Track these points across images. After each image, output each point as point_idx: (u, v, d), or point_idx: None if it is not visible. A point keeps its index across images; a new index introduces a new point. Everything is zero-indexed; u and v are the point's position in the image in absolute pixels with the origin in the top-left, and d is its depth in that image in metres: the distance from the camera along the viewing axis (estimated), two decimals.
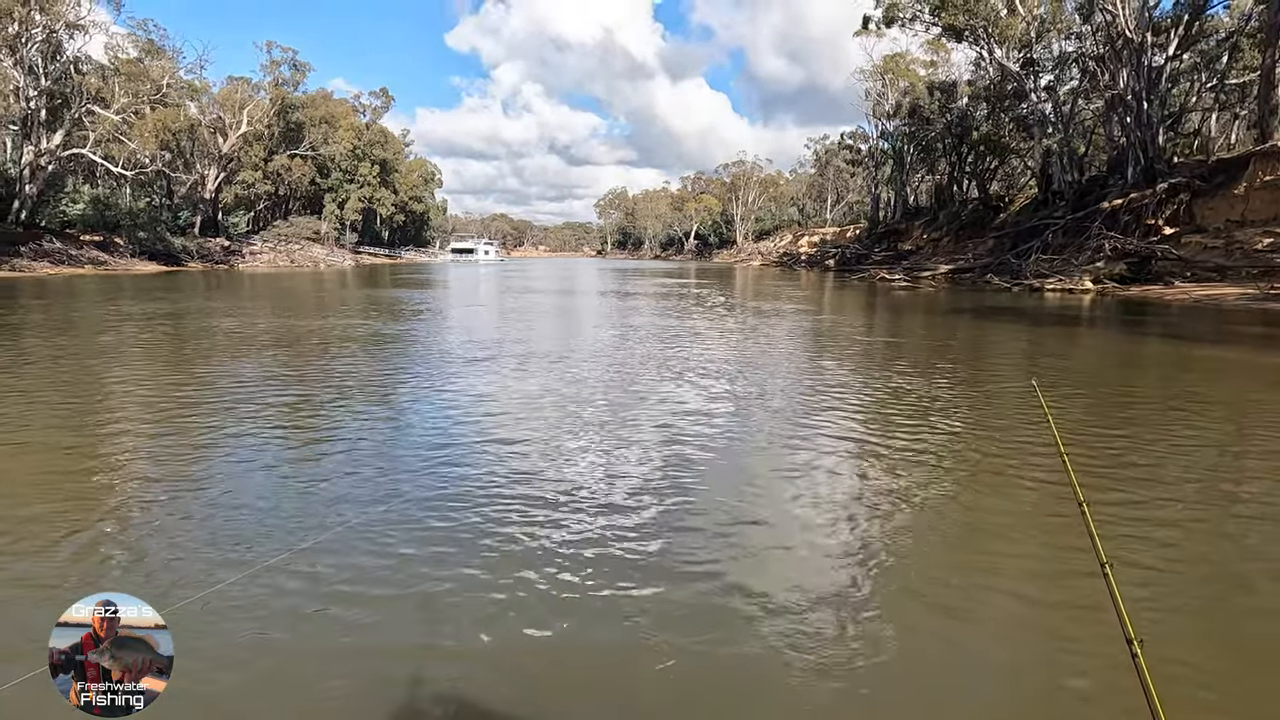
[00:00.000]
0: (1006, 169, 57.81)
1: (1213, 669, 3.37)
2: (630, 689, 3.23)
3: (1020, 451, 6.84)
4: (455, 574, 4.21)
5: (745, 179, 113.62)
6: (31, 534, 4.66)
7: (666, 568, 4.36)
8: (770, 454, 6.88)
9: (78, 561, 4.31)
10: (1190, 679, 3.26)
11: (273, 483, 5.79)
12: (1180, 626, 3.74)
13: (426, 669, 3.30)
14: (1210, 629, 3.76)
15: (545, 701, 3.12)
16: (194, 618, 3.60)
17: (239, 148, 64.13)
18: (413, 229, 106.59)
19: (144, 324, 16.88)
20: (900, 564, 4.47)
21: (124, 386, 9.57)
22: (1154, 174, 33.59)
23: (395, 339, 15.31)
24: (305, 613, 3.75)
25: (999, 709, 3.15)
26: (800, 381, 10.60)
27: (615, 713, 3.10)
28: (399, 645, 3.49)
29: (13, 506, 5.16)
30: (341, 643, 3.49)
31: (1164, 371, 12.52)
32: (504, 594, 4.00)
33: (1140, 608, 3.79)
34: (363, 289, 33.23)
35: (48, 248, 41.48)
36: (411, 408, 8.77)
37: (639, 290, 35.86)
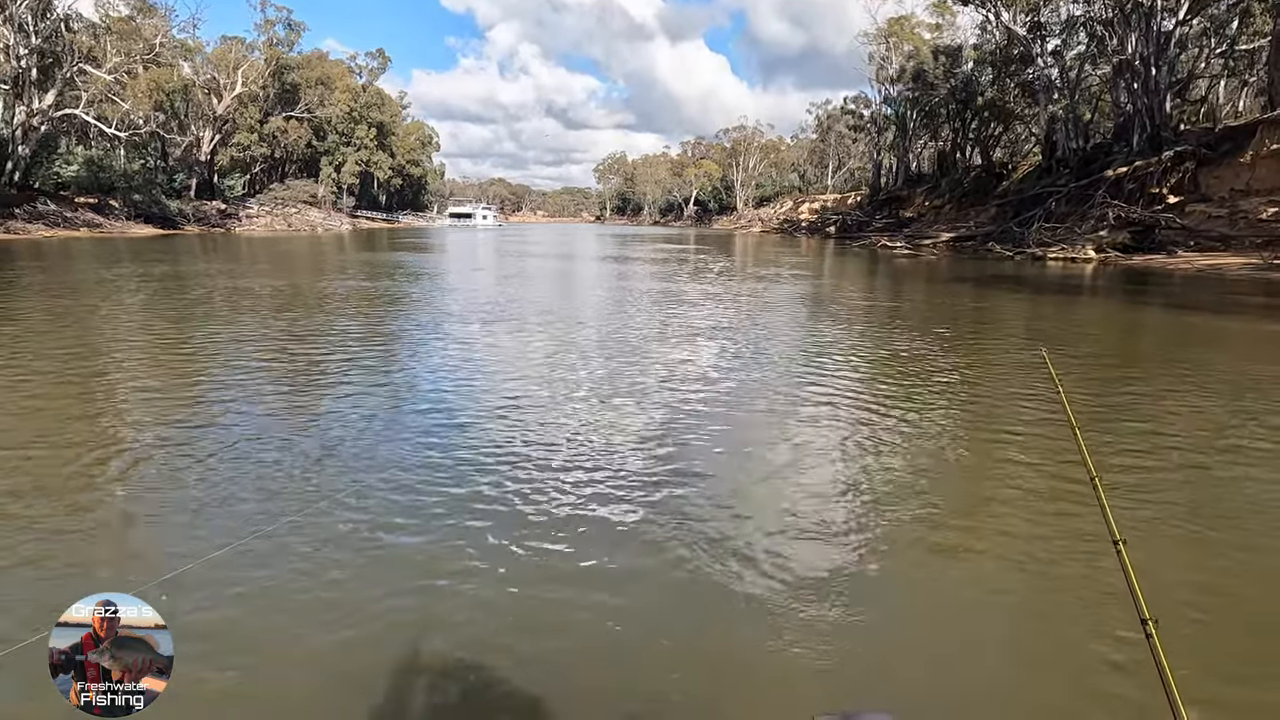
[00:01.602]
0: (1010, 136, 57.22)
1: (1227, 645, 3.39)
2: (630, 639, 3.26)
3: (1028, 421, 6.85)
4: (455, 529, 4.23)
5: (746, 144, 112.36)
6: (45, 491, 4.67)
7: (663, 527, 4.38)
8: (770, 419, 6.88)
9: (84, 528, 4.33)
10: (1204, 655, 3.28)
11: (282, 446, 5.79)
12: (1195, 604, 3.74)
13: (432, 626, 3.33)
14: (1224, 604, 3.77)
15: (553, 667, 3.14)
16: (196, 579, 3.62)
17: (234, 109, 63.14)
18: (410, 193, 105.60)
19: (148, 288, 16.78)
20: (906, 533, 4.48)
21: (128, 353, 9.54)
22: (1160, 141, 33.25)
23: (399, 301, 15.24)
24: (313, 570, 3.77)
25: (1007, 683, 3.18)
26: (801, 347, 10.58)
27: (614, 657, 3.13)
28: (403, 606, 3.51)
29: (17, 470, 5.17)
30: (353, 596, 3.52)
31: (1167, 341, 12.51)
32: (503, 548, 4.02)
33: (1154, 584, 3.80)
34: (363, 253, 33.03)
35: (42, 210, 41.03)
36: (415, 369, 8.76)
37: (638, 255, 35.69)
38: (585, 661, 3.14)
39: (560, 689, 2.94)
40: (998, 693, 3.08)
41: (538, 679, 2.99)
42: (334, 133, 77.59)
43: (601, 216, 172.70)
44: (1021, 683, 3.15)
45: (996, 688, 3.11)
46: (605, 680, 3.04)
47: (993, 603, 3.75)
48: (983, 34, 49.00)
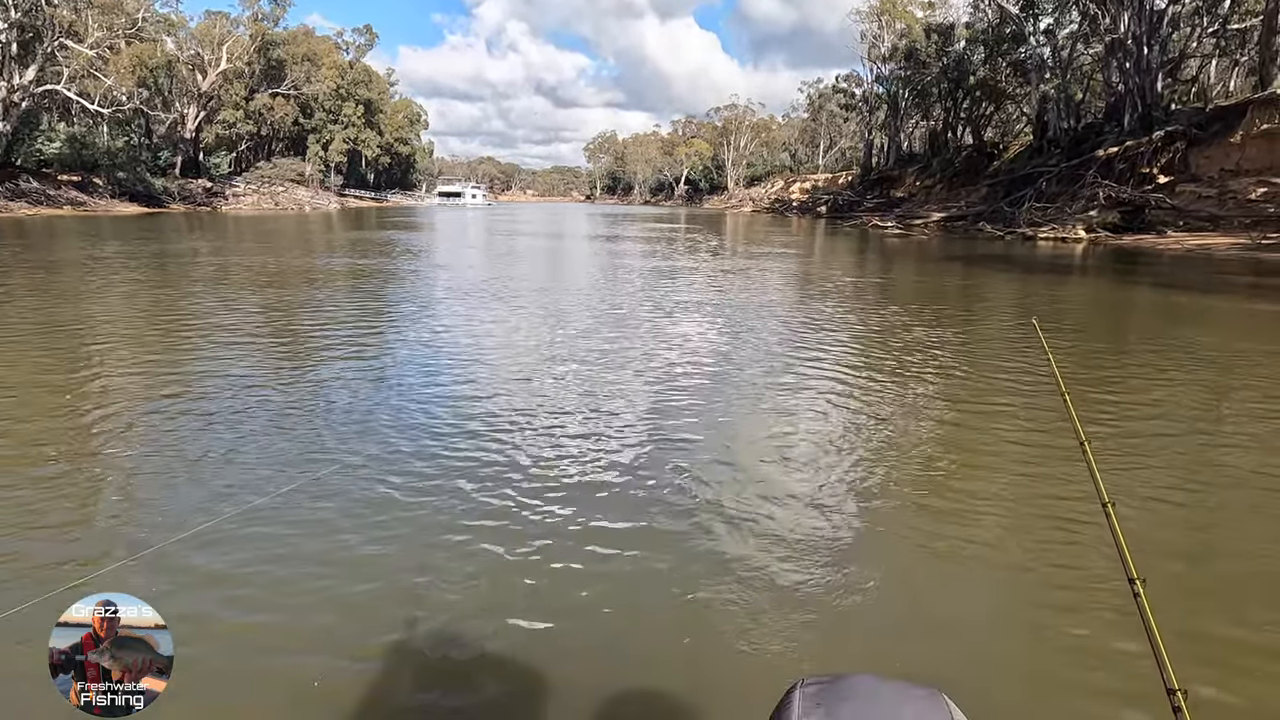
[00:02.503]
0: (1002, 115, 57.13)
1: (1213, 604, 3.45)
2: (625, 614, 3.28)
3: (1018, 390, 6.91)
4: (450, 503, 4.24)
5: (737, 123, 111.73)
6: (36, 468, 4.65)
7: (657, 494, 4.40)
8: (762, 390, 6.90)
9: (78, 501, 4.32)
10: (1189, 615, 3.33)
11: (277, 419, 5.78)
12: (1181, 565, 3.81)
13: (425, 599, 3.35)
14: (1210, 564, 3.83)
15: (558, 642, 3.16)
16: (164, 560, 3.62)
17: (219, 85, 62.25)
18: (399, 171, 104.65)
19: (142, 267, 16.61)
20: (897, 496, 4.52)
21: (128, 331, 9.46)
22: (1151, 121, 33.26)
23: (393, 278, 15.18)
24: (318, 538, 3.78)
25: (997, 645, 3.22)
26: (793, 320, 10.60)
27: (612, 633, 3.15)
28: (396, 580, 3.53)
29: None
30: (354, 567, 3.54)
31: (1155, 319, 12.59)
32: (500, 516, 4.04)
33: (1142, 545, 3.86)
34: (353, 231, 32.77)
35: (24, 188, 40.46)
36: (409, 345, 8.72)
37: (629, 234, 35.57)
38: (578, 625, 3.17)
39: (554, 652, 2.97)
40: (986, 651, 3.13)
41: (529, 643, 3.01)
42: (321, 110, 76.64)
43: (592, 196, 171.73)
44: (1011, 641, 3.20)
45: (985, 646, 3.15)
46: (599, 643, 3.07)
47: (983, 563, 3.80)
48: (975, 12, 48.83)
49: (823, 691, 0.64)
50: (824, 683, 0.65)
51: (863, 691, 0.63)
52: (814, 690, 0.65)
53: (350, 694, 2.69)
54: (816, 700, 0.63)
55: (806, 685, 0.66)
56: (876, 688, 0.64)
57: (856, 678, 0.65)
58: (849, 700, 0.62)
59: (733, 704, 2.69)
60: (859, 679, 0.64)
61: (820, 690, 0.64)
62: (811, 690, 0.65)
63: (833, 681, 0.65)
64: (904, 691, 0.64)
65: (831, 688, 0.64)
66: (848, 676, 0.65)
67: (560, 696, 2.71)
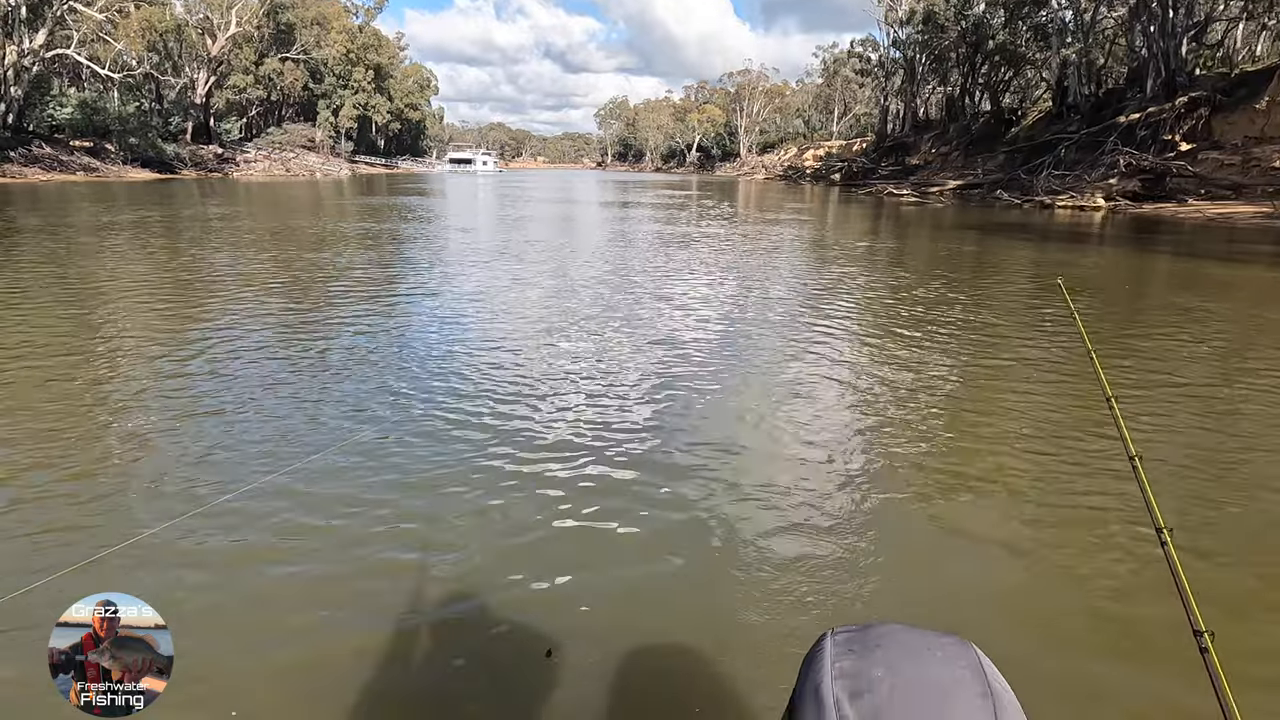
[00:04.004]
0: (1021, 81, 56.00)
1: (1240, 552, 3.49)
2: (633, 578, 3.33)
3: (1043, 349, 6.93)
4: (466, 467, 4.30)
5: (750, 89, 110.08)
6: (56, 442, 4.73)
7: (674, 457, 4.44)
8: (783, 350, 6.90)
9: (97, 465, 4.41)
10: (1216, 566, 3.36)
11: (305, 386, 5.85)
12: (1208, 516, 3.84)
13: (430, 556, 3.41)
14: (1236, 514, 3.86)
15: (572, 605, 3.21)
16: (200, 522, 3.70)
17: (228, 50, 61.75)
18: (409, 138, 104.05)
19: (160, 233, 16.68)
20: (921, 451, 4.55)
21: (144, 298, 9.54)
22: (1174, 87, 32.58)
23: (415, 242, 15.17)
24: (337, 505, 3.86)
25: (1028, 592, 3.25)
26: (808, 284, 10.55)
27: (629, 583, 3.21)
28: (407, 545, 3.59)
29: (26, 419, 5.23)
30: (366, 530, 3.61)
31: (1174, 286, 12.47)
32: (513, 478, 4.09)
33: (1169, 497, 3.90)
34: (366, 198, 32.72)
35: (38, 154, 40.49)
36: (427, 307, 8.76)
37: (641, 201, 35.37)
38: (602, 582, 3.23)
39: (580, 606, 3.03)
40: (1016, 602, 3.17)
41: (547, 603, 3.06)
42: (331, 75, 76.08)
43: (603, 163, 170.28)
44: (1041, 591, 3.24)
45: (1015, 597, 3.20)
46: (618, 602, 3.11)
47: (1009, 516, 3.83)
48: None
49: (853, 639, 0.67)
50: (854, 631, 0.68)
51: (892, 638, 0.66)
52: (844, 638, 0.67)
53: (384, 651, 2.77)
54: (848, 647, 0.66)
55: (837, 634, 0.68)
56: (906, 635, 0.66)
57: (886, 625, 0.67)
58: (879, 647, 0.65)
59: (764, 655, 2.74)
60: (888, 627, 0.67)
61: (850, 638, 0.67)
62: (842, 638, 0.67)
63: (862, 630, 0.67)
64: (932, 639, 0.66)
65: (861, 635, 0.67)
66: (877, 625, 0.68)
67: (587, 650, 2.75)
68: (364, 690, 2.51)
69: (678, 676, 2.68)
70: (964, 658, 0.64)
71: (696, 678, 2.67)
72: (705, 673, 2.68)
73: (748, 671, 2.66)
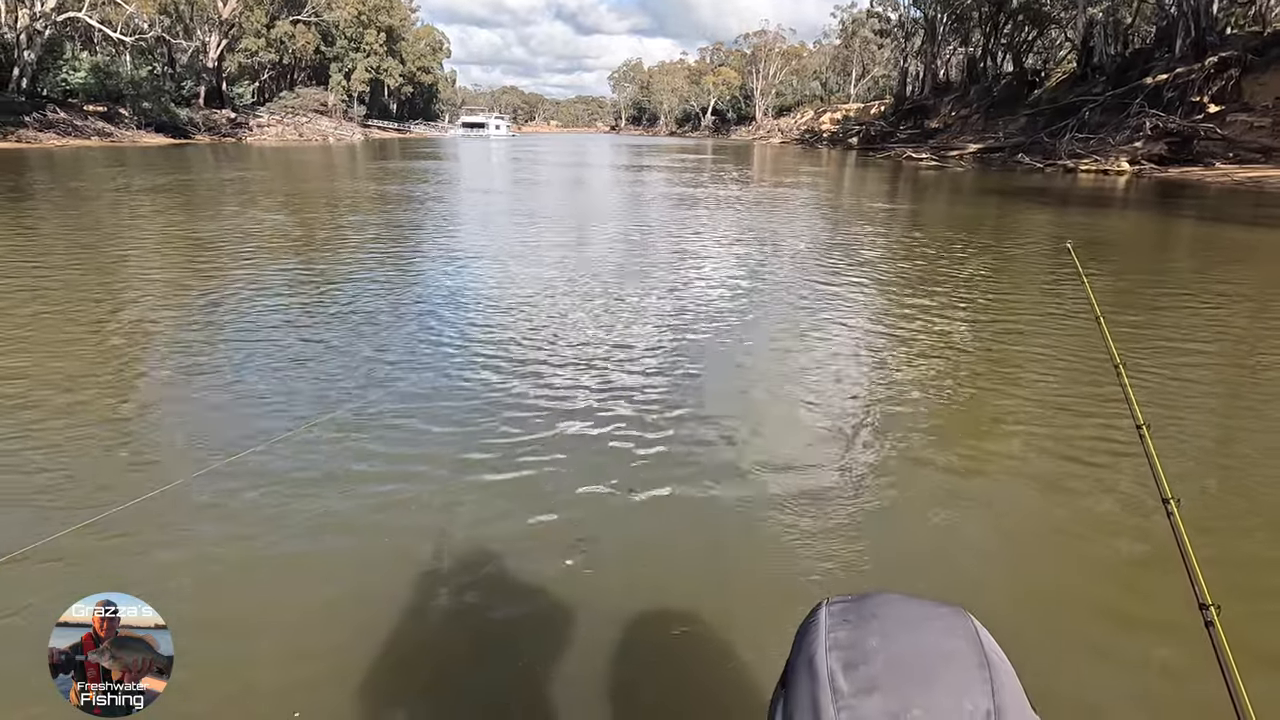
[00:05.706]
0: (1044, 41, 54.67)
1: (1245, 522, 3.47)
2: (644, 539, 3.36)
3: (1052, 313, 6.86)
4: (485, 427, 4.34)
5: (766, 51, 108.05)
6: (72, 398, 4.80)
7: (686, 424, 4.45)
8: (796, 312, 6.87)
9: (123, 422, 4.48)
10: (1222, 538, 3.34)
11: (325, 341, 5.91)
12: (1215, 487, 3.81)
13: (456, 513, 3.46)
14: (1244, 485, 3.83)
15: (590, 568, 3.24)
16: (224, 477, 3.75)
17: (240, 12, 61.17)
18: (421, 102, 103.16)
19: (196, 200, 16.71)
20: (927, 417, 4.54)
21: (167, 262, 9.60)
22: (1204, 46, 31.69)
23: (433, 204, 15.15)
24: (349, 463, 3.92)
25: (1032, 562, 3.25)
26: (823, 247, 10.46)
27: (637, 551, 3.25)
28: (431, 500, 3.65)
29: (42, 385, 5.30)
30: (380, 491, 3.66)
31: (1195, 252, 12.28)
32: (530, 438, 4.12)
33: (1177, 467, 3.86)
34: (381, 162, 32.63)
35: (52, 118, 40.42)
36: (444, 269, 8.76)
37: (656, 164, 35.07)
38: (609, 548, 3.24)
39: (585, 570, 3.07)
40: (1019, 571, 3.18)
41: (560, 571, 3.08)
42: (342, 38, 75.29)
43: (616, 127, 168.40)
44: (1044, 561, 3.24)
45: (1018, 566, 3.20)
46: (624, 570, 3.12)
47: (1014, 484, 3.83)
48: None
49: (848, 609, 0.66)
50: (849, 601, 0.67)
51: (888, 608, 0.65)
52: (839, 608, 0.66)
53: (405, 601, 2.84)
54: (843, 617, 0.65)
55: (832, 604, 0.67)
56: (902, 604, 0.65)
57: (882, 595, 0.67)
58: (875, 617, 0.64)
59: (760, 623, 2.73)
60: (884, 596, 0.66)
61: (846, 608, 0.66)
62: (837, 608, 0.66)
63: (858, 600, 0.67)
64: (929, 609, 0.65)
65: (857, 606, 0.66)
66: (873, 594, 0.67)
67: (590, 612, 2.77)
68: (366, 655, 2.58)
69: (674, 644, 2.66)
70: (961, 628, 0.63)
71: (694, 645, 2.64)
72: (703, 639, 2.66)
73: (745, 638, 2.64)
